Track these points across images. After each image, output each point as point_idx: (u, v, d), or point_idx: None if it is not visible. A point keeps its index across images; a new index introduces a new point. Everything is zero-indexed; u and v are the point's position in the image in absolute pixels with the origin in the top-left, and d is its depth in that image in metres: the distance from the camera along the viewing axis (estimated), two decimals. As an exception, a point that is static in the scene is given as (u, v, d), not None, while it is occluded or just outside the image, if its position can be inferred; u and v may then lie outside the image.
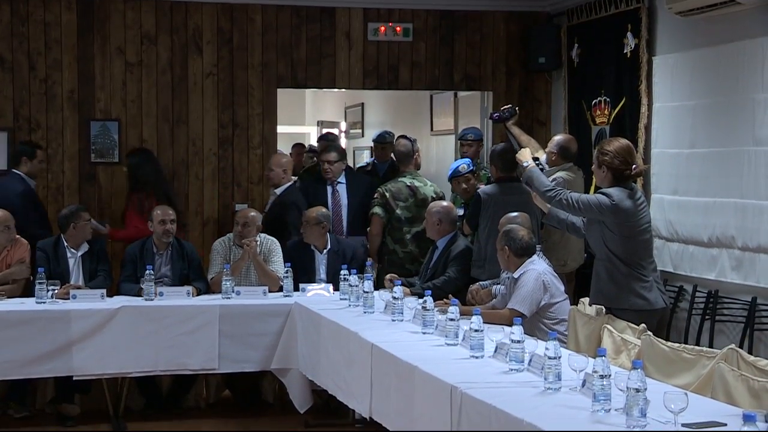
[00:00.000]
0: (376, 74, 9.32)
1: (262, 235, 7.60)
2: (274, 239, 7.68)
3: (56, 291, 6.83)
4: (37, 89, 8.68)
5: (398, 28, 9.23)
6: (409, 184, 7.98)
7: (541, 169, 6.32)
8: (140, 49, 8.87)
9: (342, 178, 8.35)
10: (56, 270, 7.11)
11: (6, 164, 8.52)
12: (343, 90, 10.89)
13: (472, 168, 7.84)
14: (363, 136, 13.16)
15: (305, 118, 14.34)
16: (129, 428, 6.83)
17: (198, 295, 7.16)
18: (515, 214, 6.59)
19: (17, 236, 7.36)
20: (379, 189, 8.06)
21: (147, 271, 6.98)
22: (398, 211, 7.93)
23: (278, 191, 8.21)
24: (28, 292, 7.02)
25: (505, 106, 7.53)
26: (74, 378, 6.76)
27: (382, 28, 9.22)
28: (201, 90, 9.00)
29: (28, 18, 8.63)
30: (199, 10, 8.94)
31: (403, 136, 8.48)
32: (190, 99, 8.97)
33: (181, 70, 8.94)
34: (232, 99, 9.04)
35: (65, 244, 7.25)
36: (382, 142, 8.92)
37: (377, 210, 8.00)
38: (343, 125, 14.07)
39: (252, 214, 7.57)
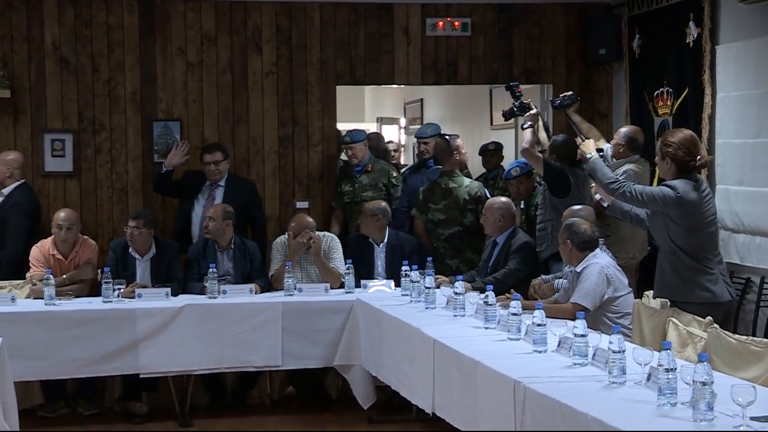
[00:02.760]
0: (434, 69, 9.29)
1: (323, 232, 7.63)
2: (334, 236, 7.72)
3: (122, 290, 6.92)
4: (100, 91, 8.78)
5: (456, 23, 9.18)
6: (443, 186, 7.96)
7: (604, 160, 6.27)
8: (201, 50, 8.93)
9: (223, 181, 8.26)
10: (123, 273, 7.19)
11: (71, 166, 8.65)
12: (402, 86, 10.87)
13: (524, 171, 7.79)
14: (422, 131, 13.13)
15: (365, 114, 14.36)
16: (195, 425, 6.89)
17: (260, 292, 7.20)
18: (578, 207, 6.53)
19: (85, 237, 7.47)
20: (421, 189, 8.12)
21: (210, 270, 7.04)
22: (430, 214, 7.94)
23: (5, 191, 8.04)
24: (95, 292, 7.10)
25: (566, 93, 7.46)
26: (141, 376, 6.83)
27: (441, 24, 9.18)
28: (261, 89, 9.04)
29: (91, 21, 8.73)
30: (258, 9, 8.98)
31: (440, 135, 8.44)
32: (250, 98, 9.01)
33: (241, 69, 8.98)
34: (291, 97, 9.07)
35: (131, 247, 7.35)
36: (423, 137, 8.75)
37: (414, 211, 8.10)
38: (403, 121, 14.07)
39: (308, 220, 7.59)
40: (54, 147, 8.63)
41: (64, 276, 7.14)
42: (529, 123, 7.33)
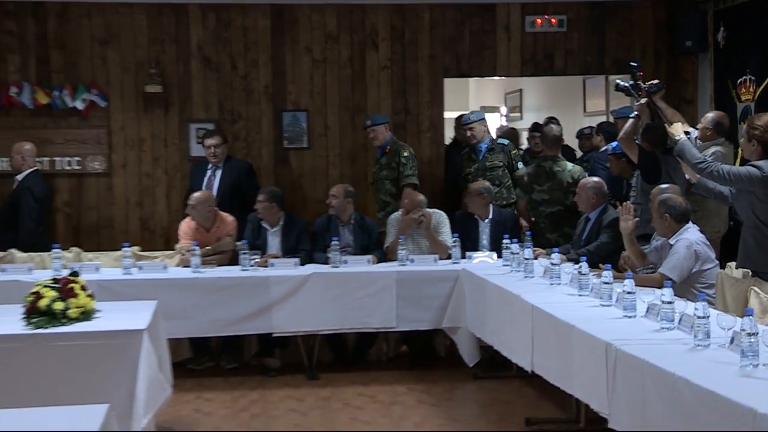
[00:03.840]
0: (533, 62, 9.17)
1: (432, 209, 7.62)
2: (442, 213, 7.69)
3: (257, 260, 7.01)
4: (238, 85, 8.91)
5: (553, 20, 9.05)
6: (548, 169, 7.83)
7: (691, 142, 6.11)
8: (324, 48, 8.98)
9: (221, 164, 8.13)
10: (256, 241, 7.29)
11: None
12: (503, 77, 10.76)
13: (617, 152, 7.61)
14: (522, 118, 13.00)
15: (468, 103, 14.23)
16: (321, 378, 6.95)
17: (377, 262, 7.22)
18: (666, 185, 6.37)
19: (224, 213, 7.59)
20: (520, 172, 8.04)
21: (333, 242, 7.08)
22: (535, 194, 7.81)
23: (19, 177, 8.05)
24: (234, 261, 7.21)
25: (653, 81, 7.27)
26: (274, 335, 6.92)
27: (539, 21, 9.06)
28: (377, 81, 9.05)
29: (230, 24, 8.86)
30: (375, 11, 8.98)
31: (552, 119, 8.28)
32: (368, 89, 9.04)
33: (359, 64, 9.01)
34: (404, 88, 9.06)
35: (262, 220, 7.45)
36: (467, 123, 8.43)
37: (518, 191, 8.01)
38: (503, 109, 13.93)
39: (420, 197, 7.58)
40: (198, 135, 8.78)
41: (208, 247, 7.27)
42: (636, 113, 7.12)
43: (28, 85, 8.56)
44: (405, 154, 8.17)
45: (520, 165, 8.23)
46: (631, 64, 7.09)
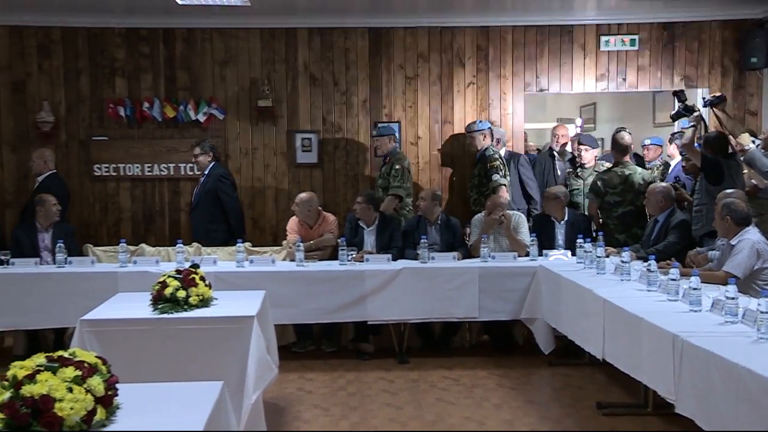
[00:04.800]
0: (606, 78, 8.97)
1: (512, 211, 7.53)
2: (521, 214, 7.59)
3: (354, 256, 7.03)
4: (338, 100, 8.95)
5: (626, 39, 8.85)
6: (620, 173, 7.64)
7: None
8: (416, 66, 8.95)
9: (207, 170, 8.01)
10: (354, 239, 7.31)
11: (317, 158, 8.87)
12: (579, 92, 10.57)
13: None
14: (595, 129, 12.74)
15: (546, 116, 14.04)
16: (410, 362, 6.93)
17: (461, 259, 7.16)
18: (731, 190, 6.16)
19: (326, 213, 7.62)
20: (595, 178, 7.85)
21: (422, 240, 7.05)
22: (608, 197, 7.62)
23: (40, 179, 8.01)
24: (334, 256, 7.24)
25: (716, 94, 7.05)
26: (368, 322, 6.93)
27: (612, 40, 8.87)
28: (463, 96, 8.98)
29: (333, 46, 8.90)
30: (462, 33, 8.92)
31: (622, 129, 8.09)
32: (454, 103, 8.98)
33: (447, 80, 8.96)
34: (488, 102, 8.97)
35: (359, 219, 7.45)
36: (469, 131, 8.29)
37: (590, 195, 7.82)
38: (579, 121, 13.67)
39: (501, 200, 7.49)
40: (303, 144, 8.86)
41: (311, 242, 7.31)
42: (692, 123, 7.00)
43: (158, 101, 8.76)
44: (397, 166, 8.02)
45: (495, 176, 7.88)
46: (676, 91, 7.26)
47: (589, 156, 8.39)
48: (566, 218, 7.48)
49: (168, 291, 4.90)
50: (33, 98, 8.70)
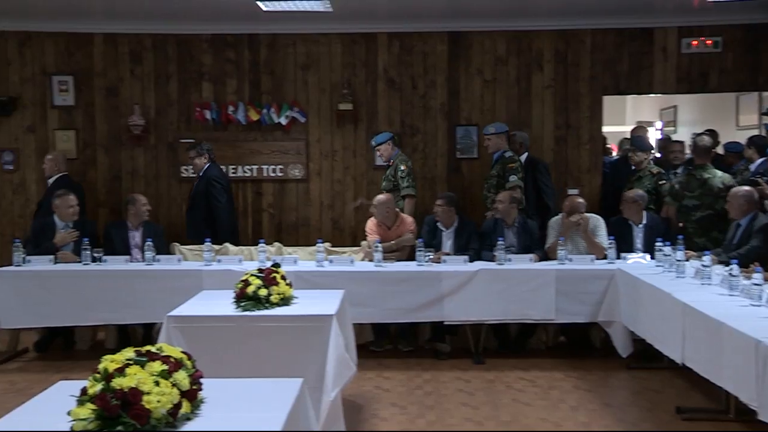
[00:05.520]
0: (687, 80, 8.75)
1: (590, 214, 7.40)
2: (599, 217, 7.45)
3: (432, 257, 7.01)
4: (417, 103, 8.94)
5: (709, 42, 8.61)
6: (698, 177, 7.43)
7: None
8: (494, 69, 8.89)
9: (201, 172, 8.08)
10: (432, 241, 7.28)
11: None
12: (659, 95, 10.34)
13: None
14: (676, 132, 12.44)
15: (625, 118, 13.78)
16: (486, 363, 6.87)
17: (538, 261, 7.07)
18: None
19: (403, 214, 7.62)
20: (671, 180, 7.68)
21: (499, 242, 6.99)
22: (686, 201, 7.41)
23: (50, 180, 8.20)
24: (411, 257, 7.22)
25: None
26: (445, 323, 6.89)
27: (695, 42, 8.64)
28: (541, 99, 8.88)
29: (411, 50, 8.91)
30: (540, 36, 8.82)
31: (707, 132, 7.87)
32: (532, 107, 8.88)
33: (525, 84, 8.86)
34: (565, 105, 8.85)
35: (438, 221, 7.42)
36: (486, 134, 8.15)
37: (667, 199, 7.65)
38: (658, 124, 13.38)
39: (579, 200, 7.37)
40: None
41: (389, 242, 7.32)
42: None
43: (242, 105, 8.90)
44: (402, 167, 8.05)
45: (512, 177, 7.80)
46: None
47: (638, 158, 8.15)
48: (644, 221, 7.31)
49: (250, 289, 4.96)
50: (125, 102, 8.94)
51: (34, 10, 8.39)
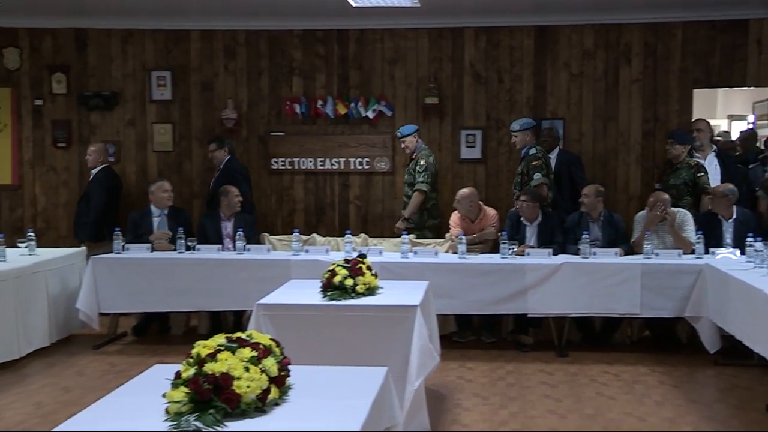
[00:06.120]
0: (783, 73, 8.43)
1: (677, 208, 7.21)
2: (687, 212, 7.25)
3: (515, 249, 6.94)
4: (503, 97, 8.85)
5: (809, 32, 8.27)
6: None
7: None
8: (581, 63, 8.72)
9: (221, 165, 8.20)
10: (516, 236, 7.21)
11: (480, 154, 8.81)
12: (752, 87, 9.97)
13: None
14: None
15: (716, 112, 13.33)
16: (569, 356, 6.78)
17: (623, 255, 6.93)
18: None
19: (487, 207, 7.57)
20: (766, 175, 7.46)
21: (584, 236, 6.88)
22: None
23: (94, 171, 8.40)
24: (495, 249, 7.18)
25: None
26: (528, 315, 6.84)
27: (792, 33, 8.32)
28: (629, 93, 8.67)
29: (498, 44, 8.82)
30: (629, 29, 8.61)
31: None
32: (619, 100, 8.69)
33: (613, 78, 8.67)
34: (654, 99, 8.62)
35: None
36: (512, 130, 8.05)
37: (761, 193, 7.43)
38: (751, 117, 12.92)
39: (664, 195, 7.18)
40: (467, 140, 8.83)
41: (473, 236, 7.28)
42: None
43: (331, 99, 8.97)
44: (421, 162, 7.95)
45: (537, 175, 7.59)
46: None
47: (675, 152, 7.81)
48: (734, 216, 7.08)
49: (337, 279, 5.00)
50: (219, 97, 9.12)
51: (136, 8, 8.64)
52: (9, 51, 9.16)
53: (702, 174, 7.65)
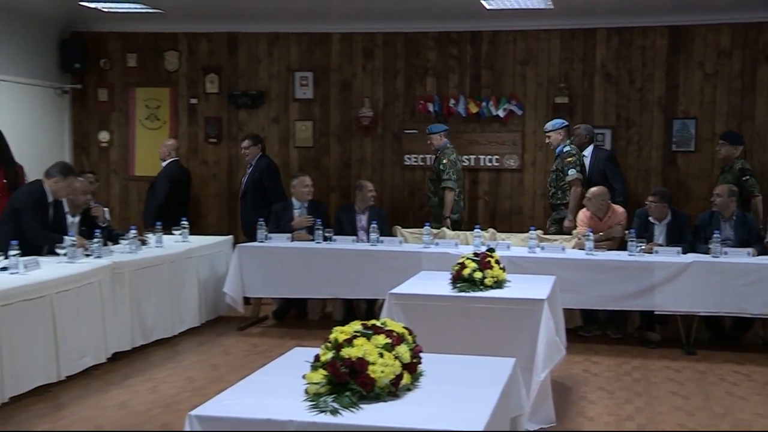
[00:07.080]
0: None
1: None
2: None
3: (643, 247, 6.72)
4: (633, 96, 8.59)
5: None
6: None
7: None
8: (716, 62, 8.35)
9: (254, 161, 8.28)
10: (645, 234, 6.98)
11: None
12: None
13: None
14: None
15: None
16: (697, 354, 6.51)
17: (756, 255, 6.58)
18: None
19: (615, 205, 7.36)
20: None
21: (715, 235, 6.59)
22: None
23: (163, 164, 8.71)
24: (622, 247, 6.97)
25: None
26: (655, 312, 6.62)
27: None
28: (766, 93, 8.23)
29: (631, 44, 8.56)
30: (769, 27, 8.18)
31: None
32: (756, 99, 8.26)
33: (750, 77, 8.26)
34: (793, 98, 8.16)
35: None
36: (546, 131, 7.93)
37: None
38: None
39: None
40: (597, 139, 8.56)
41: (600, 233, 7.11)
42: None
43: (463, 98, 8.94)
44: (444, 161, 7.86)
45: (571, 171, 7.46)
46: None
47: (725, 153, 7.42)
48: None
49: (466, 272, 5.00)
50: (357, 96, 9.26)
51: (282, 13, 8.89)
52: (170, 54, 9.63)
53: (747, 177, 7.21)
